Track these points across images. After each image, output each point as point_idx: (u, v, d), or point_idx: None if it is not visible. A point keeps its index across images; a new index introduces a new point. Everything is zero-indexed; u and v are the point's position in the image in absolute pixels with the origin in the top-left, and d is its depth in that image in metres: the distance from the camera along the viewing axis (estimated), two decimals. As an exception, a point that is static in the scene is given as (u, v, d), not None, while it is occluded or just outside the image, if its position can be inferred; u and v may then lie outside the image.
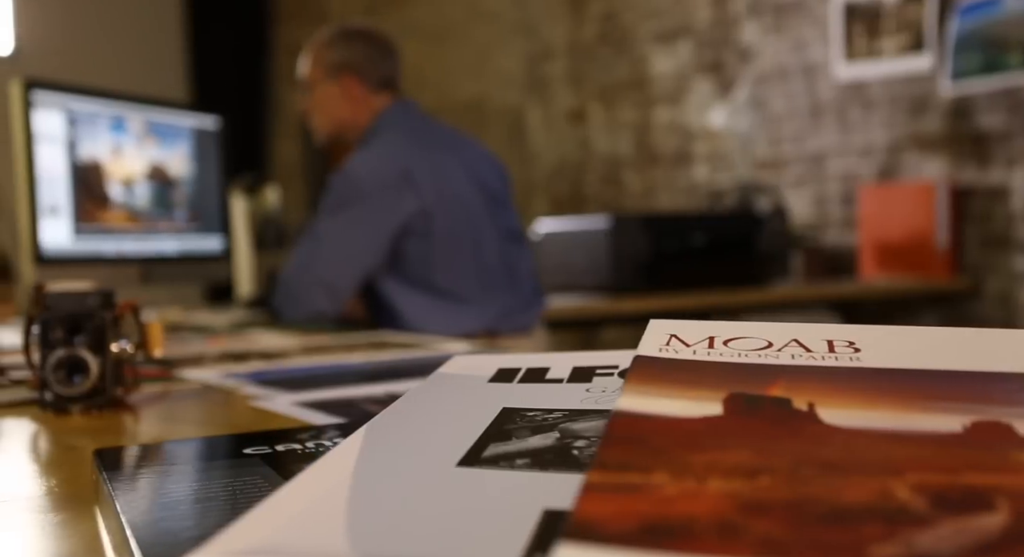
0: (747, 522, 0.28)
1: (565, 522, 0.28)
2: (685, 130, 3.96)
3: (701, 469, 0.32)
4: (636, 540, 0.27)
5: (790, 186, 3.54)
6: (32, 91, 1.84)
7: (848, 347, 0.44)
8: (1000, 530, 0.27)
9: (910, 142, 3.20)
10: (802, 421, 0.36)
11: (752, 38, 3.69)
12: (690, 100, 3.94)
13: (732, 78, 3.77)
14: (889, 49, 3.22)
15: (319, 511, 0.34)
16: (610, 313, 2.45)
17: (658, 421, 0.36)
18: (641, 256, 2.50)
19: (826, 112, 3.44)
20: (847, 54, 3.33)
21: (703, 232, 2.65)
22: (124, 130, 2.02)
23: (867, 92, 3.31)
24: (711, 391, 0.39)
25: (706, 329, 0.47)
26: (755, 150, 3.68)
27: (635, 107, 4.16)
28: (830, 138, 3.43)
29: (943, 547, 0.26)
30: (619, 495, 0.30)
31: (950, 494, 0.29)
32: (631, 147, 4.19)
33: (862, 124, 3.33)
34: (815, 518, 0.28)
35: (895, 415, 0.36)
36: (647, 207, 4.08)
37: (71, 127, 1.90)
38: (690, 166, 3.93)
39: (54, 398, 0.76)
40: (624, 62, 4.20)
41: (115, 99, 2.01)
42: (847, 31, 3.32)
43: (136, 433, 0.71)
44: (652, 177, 4.09)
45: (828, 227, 3.43)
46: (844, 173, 3.39)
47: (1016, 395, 0.37)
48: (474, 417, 0.48)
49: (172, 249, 2.12)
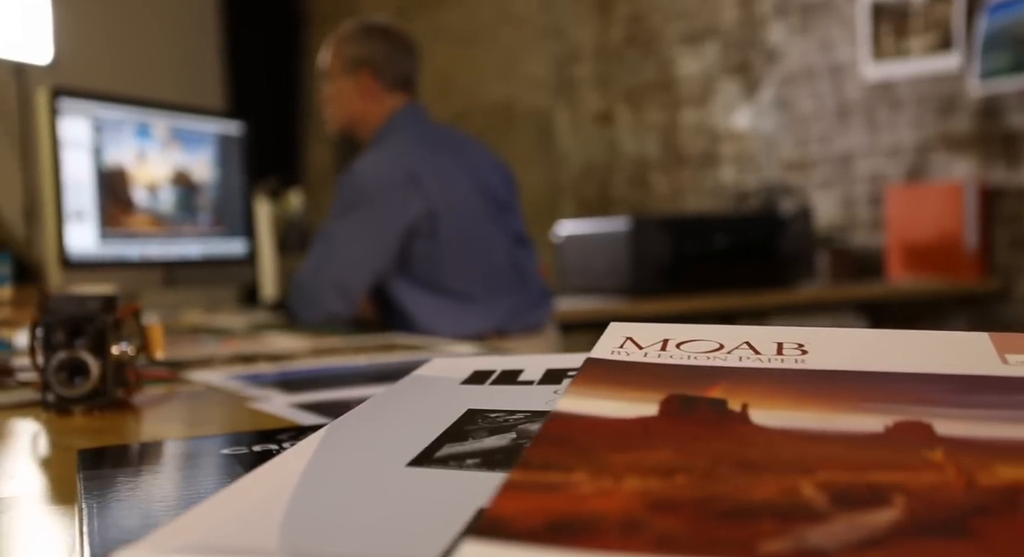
0: (652, 519, 0.29)
1: (477, 520, 0.29)
2: (712, 131, 3.95)
3: (621, 468, 0.33)
4: (540, 537, 0.28)
5: (817, 187, 3.52)
6: (58, 99, 1.88)
7: (796, 349, 0.45)
8: (889, 525, 0.28)
9: (938, 142, 3.17)
10: (732, 422, 0.37)
11: (779, 38, 3.67)
12: (717, 101, 3.93)
13: (759, 79, 3.76)
14: (917, 48, 3.19)
15: (258, 510, 0.35)
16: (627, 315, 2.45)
17: (591, 422, 0.37)
18: (661, 258, 2.50)
19: (854, 112, 3.42)
20: (875, 54, 3.31)
21: (725, 234, 2.64)
22: (149, 136, 2.05)
23: (895, 92, 3.29)
24: (652, 392, 0.40)
25: (661, 332, 0.48)
26: (782, 151, 3.66)
27: (662, 109, 4.15)
28: (858, 138, 3.41)
29: (831, 542, 0.27)
30: (535, 494, 0.31)
31: (852, 491, 0.30)
32: (658, 149, 4.18)
33: (890, 124, 3.30)
34: (717, 515, 0.29)
35: (823, 416, 0.37)
36: (674, 209, 4.07)
37: (97, 134, 1.94)
38: (717, 167, 3.92)
39: (56, 399, 0.78)
40: (651, 64, 4.20)
41: (140, 106, 2.05)
42: (874, 31, 3.30)
43: (131, 433, 0.73)
44: (679, 179, 4.09)
45: (856, 228, 3.41)
46: (872, 174, 3.36)
47: (945, 396, 0.38)
48: (437, 418, 0.49)
49: (196, 253, 2.15)
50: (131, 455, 0.56)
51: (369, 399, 0.53)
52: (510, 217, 1.95)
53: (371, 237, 1.78)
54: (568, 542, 0.27)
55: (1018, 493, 0.29)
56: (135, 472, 0.51)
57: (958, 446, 0.33)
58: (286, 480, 0.38)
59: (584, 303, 2.45)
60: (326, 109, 2.00)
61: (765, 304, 2.70)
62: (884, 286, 3.02)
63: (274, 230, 2.37)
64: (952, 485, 0.30)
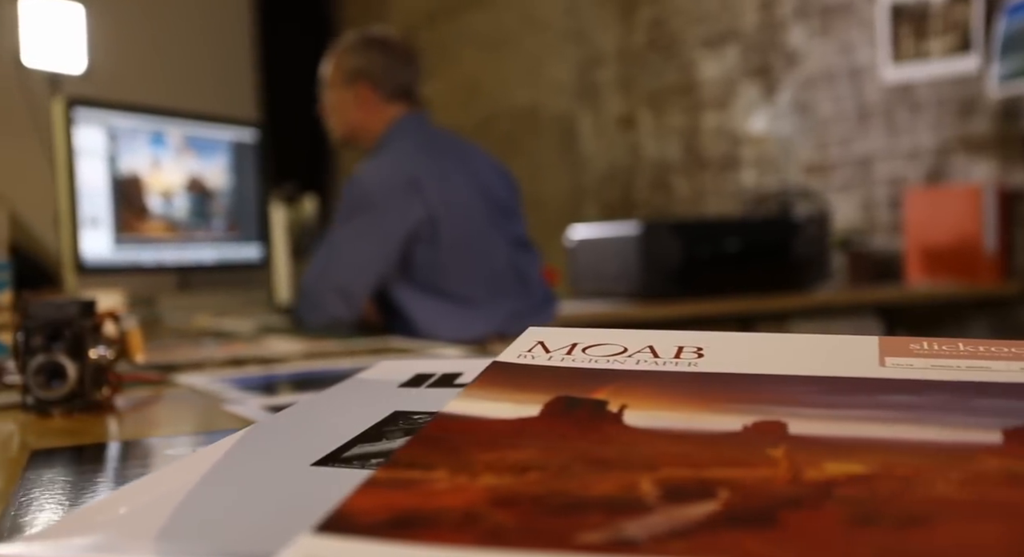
0: (490, 514, 0.31)
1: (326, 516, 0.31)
2: (733, 135, 3.94)
3: (481, 467, 0.35)
4: (379, 531, 0.29)
5: (837, 190, 3.51)
6: (73, 108, 1.92)
7: (693, 353, 0.46)
8: (704, 517, 0.29)
9: (958, 144, 3.15)
10: (605, 422, 0.39)
11: (799, 41, 3.66)
12: (737, 104, 3.93)
13: (779, 82, 3.75)
14: (936, 50, 3.17)
15: (146, 509, 0.37)
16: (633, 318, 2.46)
17: (471, 422, 0.39)
18: (671, 262, 2.51)
19: (873, 115, 3.40)
20: (894, 56, 3.30)
21: (736, 237, 2.64)
22: (163, 144, 2.09)
23: (914, 94, 3.27)
24: (541, 394, 0.42)
25: (572, 336, 0.50)
26: (801, 154, 3.65)
27: (683, 112, 4.16)
28: (877, 141, 3.39)
29: (643, 533, 0.29)
30: (390, 490, 0.33)
31: (684, 486, 0.32)
32: (680, 152, 4.18)
33: (909, 127, 3.29)
34: (552, 509, 0.31)
35: (691, 416, 0.38)
36: (695, 212, 4.07)
37: (111, 142, 1.98)
38: (738, 171, 3.92)
39: (35, 401, 0.81)
40: (672, 67, 4.20)
41: (154, 114, 2.09)
42: (894, 32, 3.29)
43: (100, 434, 0.75)
44: (700, 182, 4.09)
45: (875, 231, 3.39)
46: (891, 177, 3.35)
47: (811, 397, 0.39)
48: (361, 420, 0.51)
49: (210, 258, 2.19)
50: (82, 456, 0.58)
51: (302, 400, 0.55)
52: (512, 222, 1.98)
53: (373, 242, 1.81)
54: (405, 536, 0.29)
55: (834, 486, 0.31)
56: (78, 472, 0.53)
57: (802, 444, 0.35)
58: (183, 480, 0.40)
59: (590, 307, 2.47)
60: (328, 119, 2.04)
61: (777, 308, 2.70)
62: (900, 290, 3.01)
63: (289, 235, 2.41)
64: (778, 480, 0.32)
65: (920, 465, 0.32)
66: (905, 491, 0.30)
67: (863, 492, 0.30)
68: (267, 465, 0.42)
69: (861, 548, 0.27)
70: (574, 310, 2.36)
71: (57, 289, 2.38)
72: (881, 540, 0.27)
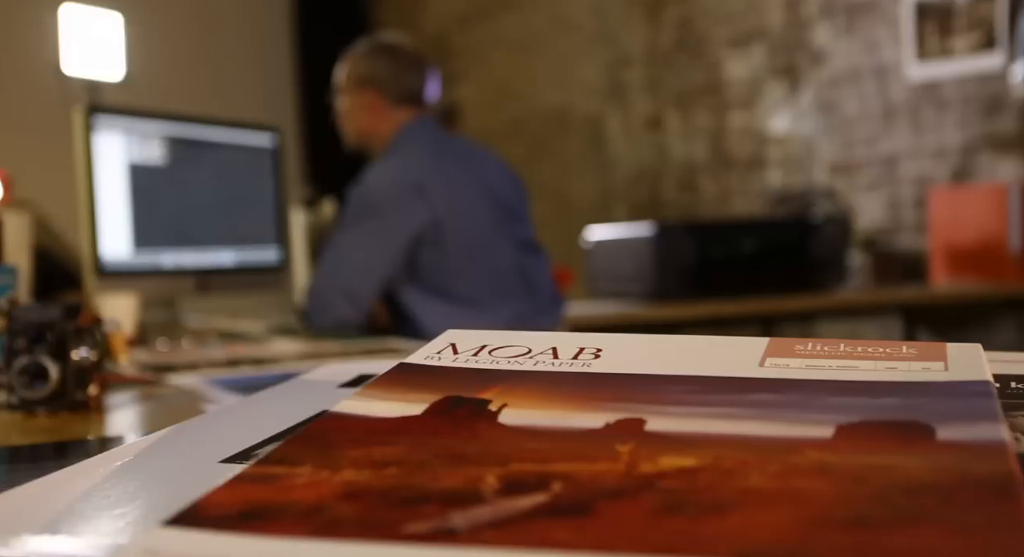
0: (335, 506, 0.33)
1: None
2: (759, 135, 3.93)
3: (346, 462, 0.37)
4: (223, 523, 0.31)
5: (863, 189, 3.49)
6: (94, 115, 1.97)
7: (592, 354, 0.48)
8: (529, 507, 0.31)
9: (984, 143, 3.12)
10: (480, 420, 0.41)
11: (824, 40, 3.65)
12: (763, 104, 3.91)
13: (805, 81, 3.73)
14: (961, 48, 3.15)
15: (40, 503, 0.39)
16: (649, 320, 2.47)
17: (353, 421, 0.41)
18: (685, 263, 2.51)
19: (899, 114, 3.38)
20: (919, 54, 3.27)
21: (752, 239, 2.65)
22: (181, 148, 2.14)
23: (940, 92, 3.24)
24: (431, 394, 0.44)
25: (482, 338, 0.52)
26: (827, 153, 3.64)
27: (710, 112, 4.15)
28: (903, 140, 3.37)
29: (465, 523, 0.31)
30: (251, 485, 0.35)
31: (525, 479, 0.34)
32: (707, 153, 4.18)
33: (935, 125, 3.26)
34: (394, 502, 0.33)
35: (563, 414, 0.40)
36: (722, 213, 4.06)
37: (131, 147, 2.03)
38: (764, 170, 3.91)
39: (19, 401, 0.84)
40: (699, 67, 4.20)
41: (172, 120, 2.13)
42: (919, 30, 3.26)
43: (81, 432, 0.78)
44: (727, 182, 4.08)
45: (901, 231, 3.37)
46: (917, 176, 3.32)
47: (680, 395, 0.41)
48: (288, 418, 0.53)
49: (229, 261, 2.23)
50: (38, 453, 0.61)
51: (240, 399, 0.57)
52: (519, 224, 2.00)
53: (378, 245, 1.85)
54: (246, 528, 0.31)
55: (661, 478, 0.33)
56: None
57: (652, 439, 0.37)
58: (93, 474, 0.42)
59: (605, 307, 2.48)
60: (341, 125, 2.09)
61: (798, 308, 2.70)
62: (922, 290, 2.98)
63: (308, 238, 2.45)
64: (612, 473, 0.34)
65: (747, 458, 0.34)
66: (722, 482, 0.32)
67: (682, 484, 0.32)
68: (176, 462, 0.45)
69: (657, 533, 0.29)
70: (589, 311, 2.37)
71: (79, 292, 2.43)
72: (678, 527, 0.29)
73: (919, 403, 0.38)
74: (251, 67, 5.50)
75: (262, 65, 5.57)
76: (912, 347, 0.45)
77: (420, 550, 0.29)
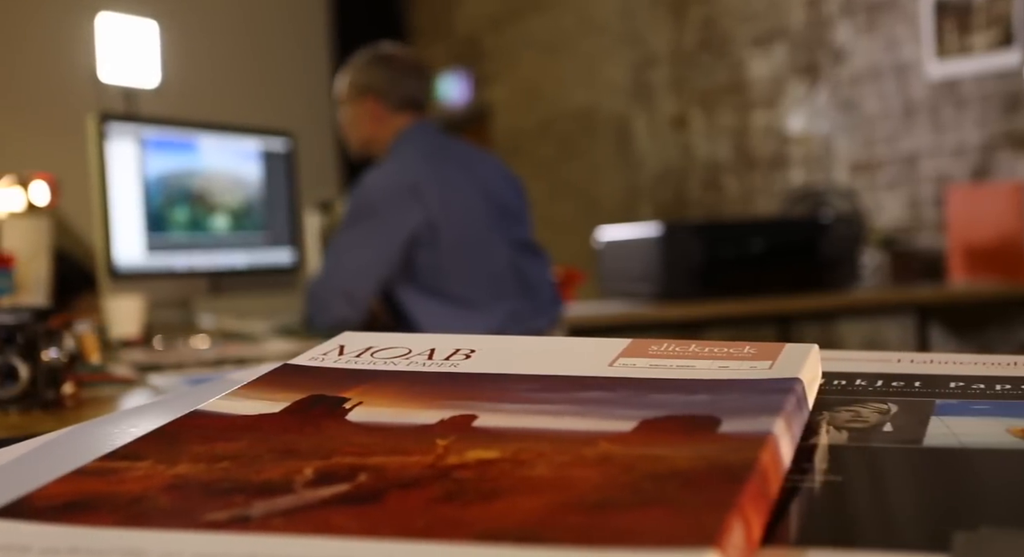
0: (156, 497, 0.36)
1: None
2: (781, 134, 3.92)
3: (187, 457, 0.39)
4: (45, 514, 0.34)
5: (883, 188, 3.47)
6: (106, 123, 2.03)
7: (464, 355, 0.50)
8: (326, 497, 0.34)
9: (1004, 140, 3.10)
10: (329, 418, 0.43)
11: (845, 38, 3.63)
12: (785, 103, 3.91)
13: (826, 79, 3.72)
14: (980, 45, 3.12)
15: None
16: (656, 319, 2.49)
17: (212, 419, 0.44)
18: (693, 263, 2.52)
19: (919, 112, 3.36)
20: (938, 51, 3.25)
21: (759, 238, 2.65)
22: (194, 154, 2.19)
23: (959, 90, 3.22)
24: (297, 393, 0.46)
25: (368, 340, 0.54)
26: (848, 152, 3.62)
27: (734, 112, 4.15)
28: (923, 138, 3.35)
29: (261, 511, 0.33)
30: (88, 478, 0.37)
31: (336, 472, 0.36)
32: (730, 152, 4.18)
33: (955, 123, 3.24)
34: (211, 493, 0.36)
35: (406, 412, 0.43)
36: (745, 212, 4.06)
37: (143, 153, 2.09)
38: (787, 169, 3.90)
39: (-9, 399, 0.89)
40: (723, 67, 4.19)
41: (184, 127, 2.19)
42: (938, 28, 3.24)
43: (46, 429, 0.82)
44: (751, 181, 4.08)
45: (921, 229, 3.35)
46: (937, 174, 3.30)
47: (521, 394, 0.44)
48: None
49: (242, 263, 2.28)
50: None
51: (153, 399, 0.61)
52: (517, 225, 2.03)
53: (375, 246, 1.89)
54: (63, 518, 0.33)
55: (457, 469, 0.35)
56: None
57: (472, 434, 0.39)
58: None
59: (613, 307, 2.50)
60: (345, 133, 2.14)
61: (812, 307, 2.70)
62: (939, 289, 2.97)
63: (321, 240, 2.49)
64: (419, 465, 0.36)
65: (544, 450, 0.36)
66: (509, 472, 0.35)
67: (473, 474, 0.35)
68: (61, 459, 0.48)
69: (422, 519, 0.31)
70: (597, 311, 2.39)
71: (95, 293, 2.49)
72: (447, 513, 0.32)
73: (721, 399, 0.40)
74: (289, 73, 5.56)
75: (301, 72, 5.63)
76: (753, 347, 0.47)
77: (210, 537, 0.31)
